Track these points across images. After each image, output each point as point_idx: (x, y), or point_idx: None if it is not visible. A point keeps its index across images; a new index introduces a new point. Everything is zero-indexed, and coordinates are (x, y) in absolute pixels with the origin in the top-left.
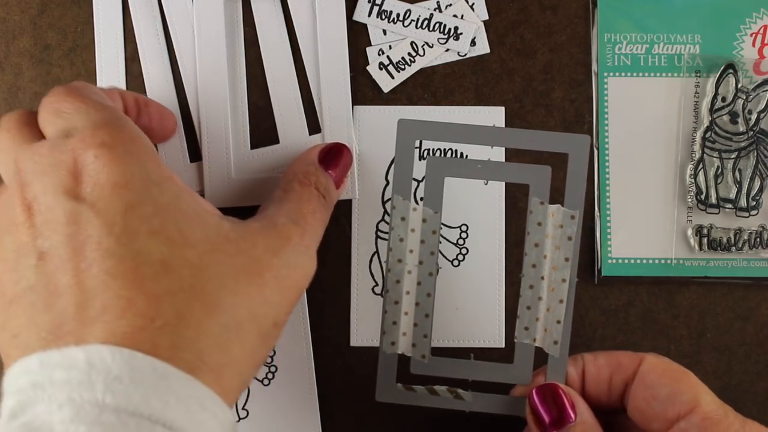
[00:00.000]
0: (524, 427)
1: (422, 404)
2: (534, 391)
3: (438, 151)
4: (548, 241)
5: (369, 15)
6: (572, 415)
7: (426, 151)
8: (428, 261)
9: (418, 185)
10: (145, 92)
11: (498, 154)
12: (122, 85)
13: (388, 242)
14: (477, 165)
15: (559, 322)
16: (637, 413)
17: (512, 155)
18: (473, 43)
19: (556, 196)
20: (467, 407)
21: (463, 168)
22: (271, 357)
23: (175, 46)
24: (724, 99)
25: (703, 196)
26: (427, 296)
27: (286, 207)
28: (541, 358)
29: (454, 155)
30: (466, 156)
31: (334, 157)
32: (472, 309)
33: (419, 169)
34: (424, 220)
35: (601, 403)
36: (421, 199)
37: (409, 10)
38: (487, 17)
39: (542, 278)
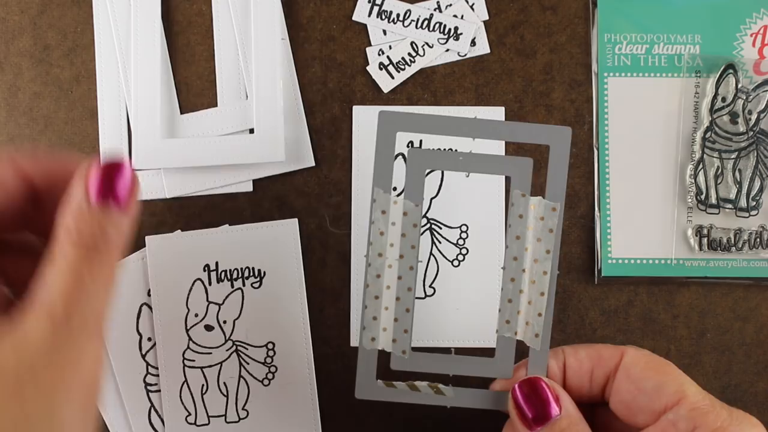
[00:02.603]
0: (507, 420)
1: (403, 400)
2: (516, 386)
3: (440, 149)
4: (529, 233)
5: (369, 15)
6: (557, 408)
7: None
8: (409, 255)
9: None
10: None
11: (498, 148)
12: (121, 87)
13: (368, 236)
14: (458, 157)
15: (540, 314)
16: (621, 406)
17: (513, 150)
18: (473, 43)
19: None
20: (448, 402)
21: (443, 160)
22: (271, 357)
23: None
24: (724, 99)
25: (703, 197)
26: (407, 291)
27: (46, 288)
28: (522, 352)
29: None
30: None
31: (110, 179)
32: (472, 309)
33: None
34: (405, 214)
35: (582, 396)
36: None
37: (409, 10)
38: (487, 17)
39: (523, 271)
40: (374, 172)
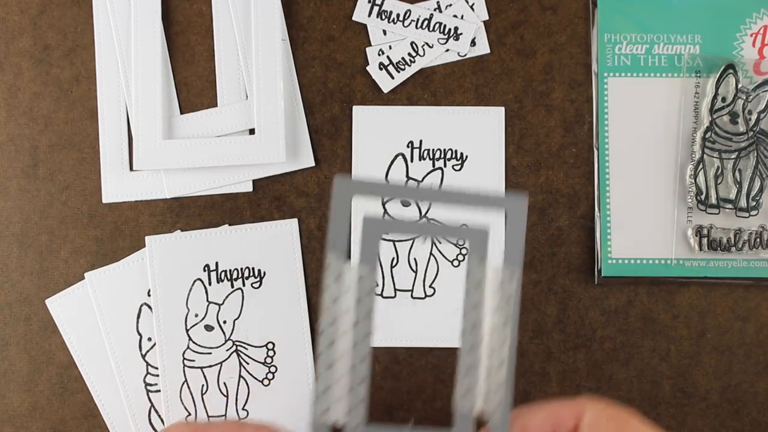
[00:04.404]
0: None
1: None
2: None
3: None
4: (487, 300)
5: (369, 15)
6: None
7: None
8: (364, 322)
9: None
10: (130, 87)
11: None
12: (121, 87)
13: (321, 303)
14: (415, 225)
15: (499, 386)
16: None
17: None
18: (473, 43)
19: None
20: None
21: (399, 227)
22: (271, 357)
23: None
24: (724, 99)
25: (703, 197)
26: (362, 360)
27: None
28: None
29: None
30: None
31: None
32: None
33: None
34: (360, 278)
35: None
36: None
37: (409, 11)
38: (487, 17)
39: (482, 340)
40: (329, 237)
